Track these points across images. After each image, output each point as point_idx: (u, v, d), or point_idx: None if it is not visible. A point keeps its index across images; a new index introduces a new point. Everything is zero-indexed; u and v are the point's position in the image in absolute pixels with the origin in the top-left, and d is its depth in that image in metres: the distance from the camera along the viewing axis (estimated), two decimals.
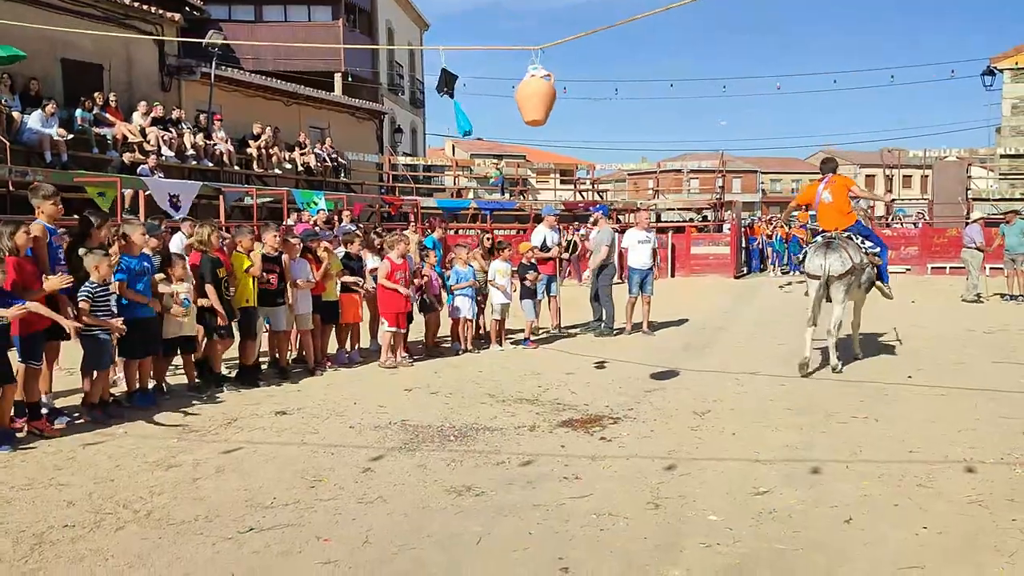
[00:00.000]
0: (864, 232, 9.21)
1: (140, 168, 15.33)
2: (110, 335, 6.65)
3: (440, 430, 6.29)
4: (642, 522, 4.37)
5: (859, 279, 8.71)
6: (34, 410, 6.20)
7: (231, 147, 19.16)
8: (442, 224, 15.29)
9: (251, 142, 20.09)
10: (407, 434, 6.18)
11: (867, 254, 8.81)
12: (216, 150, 18.61)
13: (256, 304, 8.14)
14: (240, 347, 8.13)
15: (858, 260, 8.58)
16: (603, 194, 36.39)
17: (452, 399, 7.44)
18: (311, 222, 14.08)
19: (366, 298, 9.65)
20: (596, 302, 11.68)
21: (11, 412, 6.01)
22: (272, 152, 20.57)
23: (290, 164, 21.37)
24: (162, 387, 7.53)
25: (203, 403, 7.22)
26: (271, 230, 8.55)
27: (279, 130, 21.36)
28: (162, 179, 15.16)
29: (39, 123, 14.12)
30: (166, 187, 14.44)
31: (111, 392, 7.03)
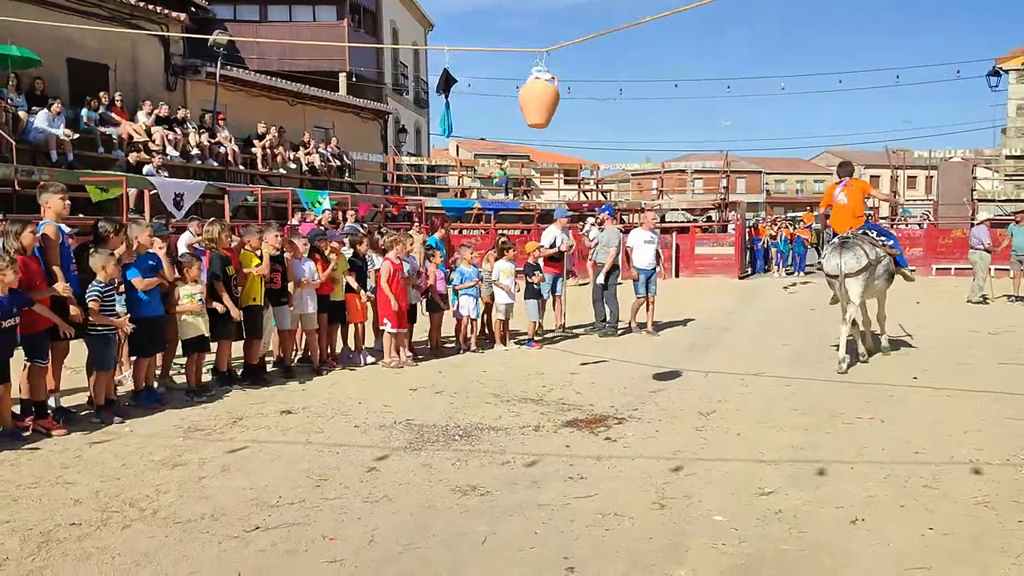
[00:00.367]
0: (875, 227, 9.68)
1: (146, 168, 15.36)
2: (117, 334, 6.67)
3: (445, 430, 6.30)
4: (647, 522, 4.37)
5: (876, 274, 8.95)
6: (40, 409, 6.21)
7: (236, 147, 19.17)
8: (444, 224, 15.27)
9: (256, 142, 20.10)
10: (412, 434, 6.19)
11: (882, 246, 9.10)
12: (221, 150, 18.62)
13: (262, 303, 8.15)
14: (245, 346, 8.14)
15: (873, 256, 8.84)
16: (607, 194, 36.39)
17: (457, 399, 7.44)
18: (316, 222, 14.09)
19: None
20: (599, 303, 11.66)
21: (9, 412, 6.02)
22: (277, 152, 20.58)
23: (295, 164, 21.38)
24: (165, 384, 7.55)
25: (209, 402, 7.23)
26: (272, 229, 8.56)
27: (284, 130, 21.38)
28: (167, 178, 15.19)
29: (45, 122, 14.15)
30: (172, 186, 14.47)
31: (116, 391, 7.06)
